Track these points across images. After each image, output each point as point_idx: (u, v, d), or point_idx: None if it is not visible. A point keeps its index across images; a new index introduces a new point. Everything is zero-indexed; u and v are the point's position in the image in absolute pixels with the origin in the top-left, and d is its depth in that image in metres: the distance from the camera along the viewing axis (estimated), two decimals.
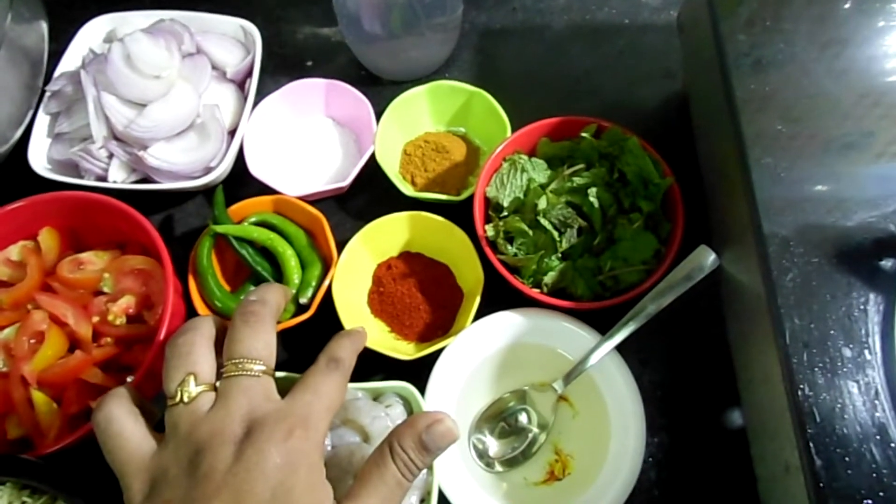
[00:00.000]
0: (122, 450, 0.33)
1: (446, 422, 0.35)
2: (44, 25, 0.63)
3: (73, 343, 0.48)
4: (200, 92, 0.58)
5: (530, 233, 0.51)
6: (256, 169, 0.57)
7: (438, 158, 0.59)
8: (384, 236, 0.55)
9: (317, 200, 0.59)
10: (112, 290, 0.50)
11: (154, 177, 0.57)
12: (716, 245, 0.46)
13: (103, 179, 0.57)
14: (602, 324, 0.49)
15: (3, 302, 0.49)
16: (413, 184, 0.59)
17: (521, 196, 0.52)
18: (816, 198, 0.39)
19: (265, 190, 0.57)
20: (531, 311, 0.51)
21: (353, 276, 0.54)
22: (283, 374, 0.39)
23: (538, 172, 0.53)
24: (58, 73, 0.61)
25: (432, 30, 0.59)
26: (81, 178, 0.57)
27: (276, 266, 0.54)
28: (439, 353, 0.49)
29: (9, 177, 0.57)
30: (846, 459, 0.33)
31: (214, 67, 0.61)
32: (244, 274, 0.56)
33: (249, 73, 0.61)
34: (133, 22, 0.63)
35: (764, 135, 0.40)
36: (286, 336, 0.53)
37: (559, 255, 0.51)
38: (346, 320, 0.51)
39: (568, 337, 0.50)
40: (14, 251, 0.52)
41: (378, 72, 0.65)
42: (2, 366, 0.47)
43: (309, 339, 0.47)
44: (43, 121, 0.60)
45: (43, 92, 0.60)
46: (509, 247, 0.51)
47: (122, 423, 0.34)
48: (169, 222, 0.60)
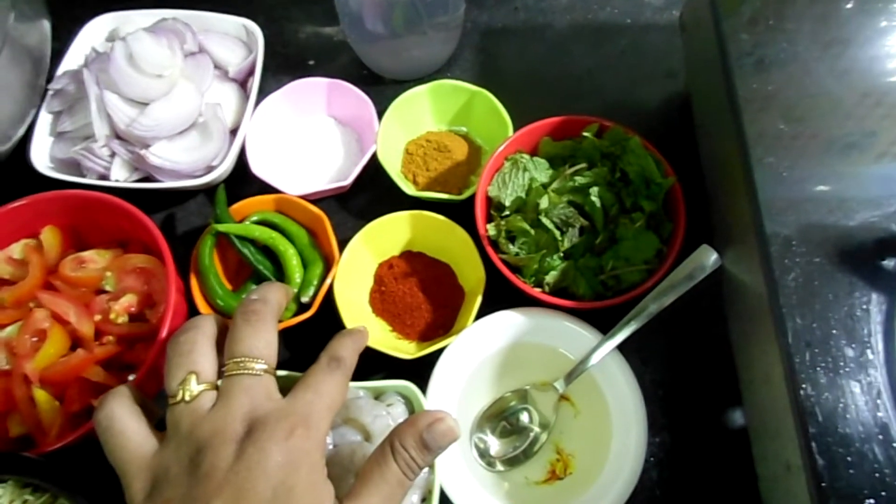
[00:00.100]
0: (123, 448, 0.33)
1: (447, 421, 0.35)
2: (46, 24, 0.63)
3: (75, 341, 0.48)
4: (202, 91, 0.58)
5: (532, 232, 0.50)
6: (258, 168, 0.58)
7: (440, 157, 0.59)
8: (386, 235, 0.55)
9: (318, 199, 0.59)
10: (114, 288, 0.51)
11: (156, 175, 0.57)
12: (717, 245, 0.46)
13: (105, 178, 0.57)
14: (603, 323, 0.49)
15: (5, 300, 0.50)
16: (415, 183, 0.59)
17: (522, 195, 0.52)
18: (818, 197, 0.39)
19: (267, 189, 0.57)
20: (533, 310, 0.51)
21: (354, 276, 0.54)
22: (284, 372, 0.39)
23: (540, 172, 0.53)
24: (60, 71, 0.61)
25: (434, 29, 0.59)
26: (83, 176, 0.57)
27: (278, 265, 0.54)
28: (441, 352, 0.49)
29: (11, 175, 0.57)
30: (848, 459, 0.33)
31: (216, 66, 0.61)
32: (246, 273, 0.56)
33: (251, 72, 0.61)
34: (135, 21, 0.63)
35: (766, 134, 0.40)
36: (288, 335, 0.53)
37: (561, 254, 0.51)
38: (348, 319, 0.51)
39: (569, 336, 0.50)
40: (16, 249, 0.52)
41: (380, 71, 0.65)
42: (4, 364, 0.47)
43: (310, 338, 0.47)
44: (45, 119, 0.60)
45: (45, 90, 0.60)
46: (511, 246, 0.51)
47: (123, 421, 0.34)
48: (171, 221, 0.60)
